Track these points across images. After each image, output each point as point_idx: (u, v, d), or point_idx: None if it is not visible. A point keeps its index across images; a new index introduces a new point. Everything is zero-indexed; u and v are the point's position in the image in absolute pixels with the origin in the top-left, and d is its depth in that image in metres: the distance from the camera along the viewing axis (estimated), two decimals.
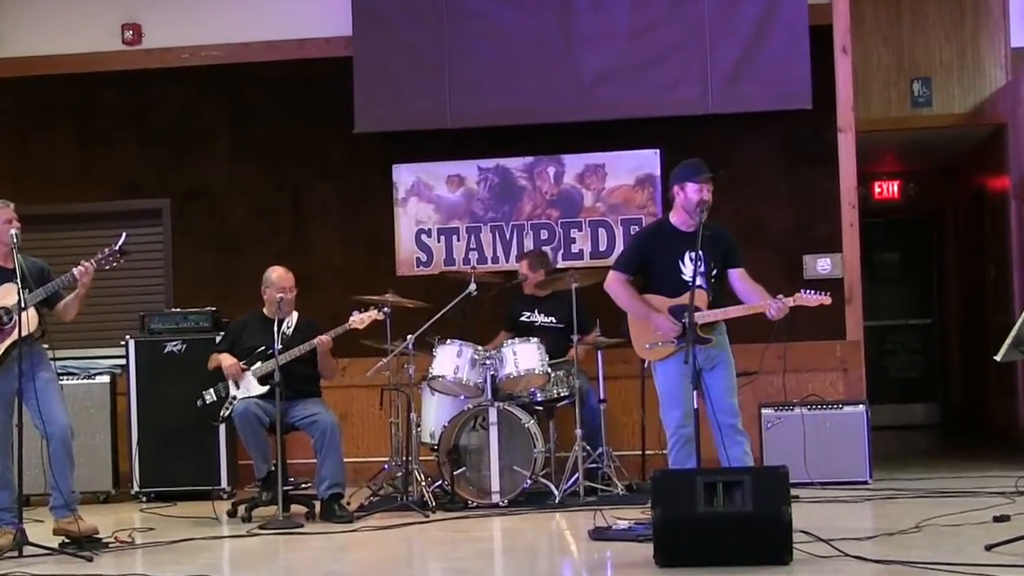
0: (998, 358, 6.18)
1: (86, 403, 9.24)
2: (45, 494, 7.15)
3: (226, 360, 8.09)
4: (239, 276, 9.56)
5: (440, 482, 8.38)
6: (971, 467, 9.28)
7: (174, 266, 10.20)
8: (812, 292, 6.59)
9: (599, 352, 8.74)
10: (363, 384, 9.27)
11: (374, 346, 8.63)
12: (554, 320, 8.90)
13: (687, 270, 6.64)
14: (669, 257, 6.70)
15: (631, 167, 9.80)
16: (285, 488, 7.76)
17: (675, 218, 6.79)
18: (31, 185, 10.13)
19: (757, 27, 9.36)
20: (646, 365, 7.18)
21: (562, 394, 8.49)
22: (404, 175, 9.99)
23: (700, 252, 6.54)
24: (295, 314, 8.22)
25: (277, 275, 8.21)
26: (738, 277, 6.77)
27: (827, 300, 6.56)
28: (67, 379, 8.97)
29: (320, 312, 8.56)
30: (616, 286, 6.83)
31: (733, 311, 6.66)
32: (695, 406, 6.29)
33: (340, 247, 10.07)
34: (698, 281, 6.56)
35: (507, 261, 9.76)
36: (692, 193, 6.66)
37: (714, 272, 6.72)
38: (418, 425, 8.54)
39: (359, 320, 8.01)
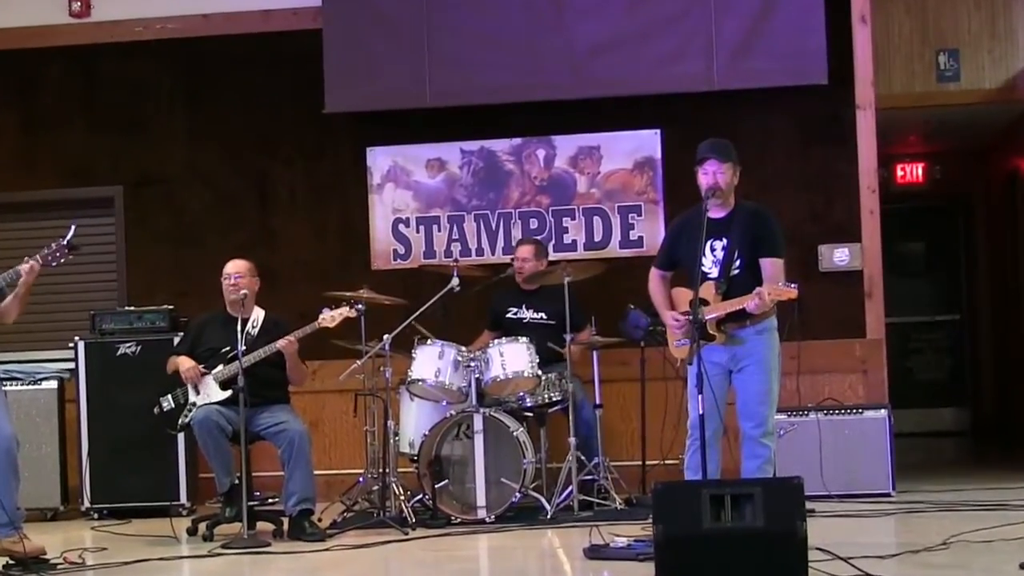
0: None
1: (31, 411, 9.22)
2: None
3: (184, 363, 8.05)
4: (198, 271, 9.54)
5: (420, 496, 8.37)
6: (1003, 478, 9.30)
7: (127, 260, 10.18)
8: (784, 283, 6.64)
9: (594, 353, 8.74)
10: (335, 389, 9.26)
11: (347, 347, 8.63)
12: (544, 316, 8.89)
13: (708, 260, 6.71)
14: (693, 246, 6.80)
15: (629, 149, 9.78)
16: (250, 503, 7.73)
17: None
18: None
19: None
20: (677, 364, 7.26)
21: (554, 399, 8.48)
22: (379, 159, 9.97)
23: (708, 242, 6.67)
24: (261, 312, 8.19)
25: (231, 264, 8.19)
26: (766, 266, 6.81)
27: (793, 293, 6.59)
28: (11, 385, 8.95)
29: (288, 310, 8.53)
30: (650, 282, 7.18)
31: (724, 306, 6.71)
32: (699, 412, 6.31)
33: (309, 239, 10.05)
34: (714, 273, 6.64)
35: (492, 253, 9.74)
36: (699, 177, 6.81)
37: (737, 261, 6.75)
38: (396, 434, 8.53)
39: (329, 318, 7.98)
